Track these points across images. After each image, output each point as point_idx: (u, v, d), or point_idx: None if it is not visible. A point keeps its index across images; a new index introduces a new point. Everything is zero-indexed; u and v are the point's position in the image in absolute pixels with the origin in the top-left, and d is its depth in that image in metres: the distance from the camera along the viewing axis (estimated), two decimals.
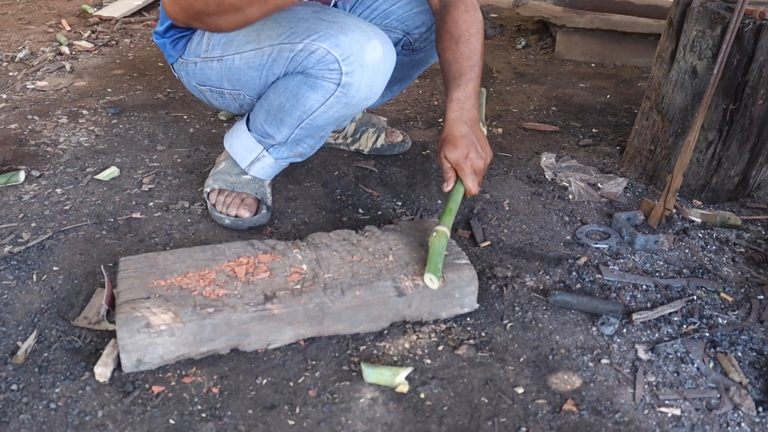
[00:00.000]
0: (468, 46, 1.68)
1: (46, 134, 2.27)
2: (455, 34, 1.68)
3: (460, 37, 1.68)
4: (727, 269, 1.73)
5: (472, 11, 1.72)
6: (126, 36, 3.41)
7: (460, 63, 1.67)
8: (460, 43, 1.68)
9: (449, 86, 1.67)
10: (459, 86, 1.65)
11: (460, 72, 1.66)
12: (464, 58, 1.67)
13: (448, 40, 1.69)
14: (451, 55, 1.68)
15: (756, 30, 1.79)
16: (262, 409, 1.26)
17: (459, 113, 1.64)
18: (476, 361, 1.39)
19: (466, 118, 1.63)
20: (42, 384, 1.28)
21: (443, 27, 1.71)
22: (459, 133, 1.60)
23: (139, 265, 1.46)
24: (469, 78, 1.66)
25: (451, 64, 1.68)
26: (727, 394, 1.33)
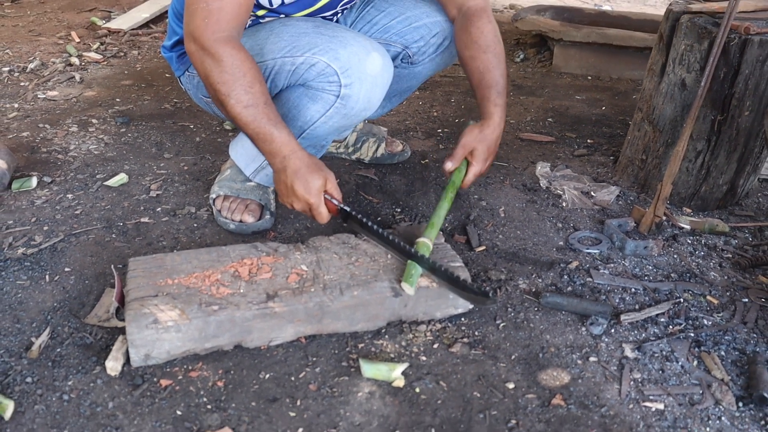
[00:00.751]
0: (495, 56, 1.78)
1: (57, 142, 2.35)
2: (483, 44, 1.78)
3: (488, 47, 1.78)
4: (714, 274, 1.80)
5: (494, 23, 1.82)
6: (134, 48, 3.49)
7: (493, 72, 1.76)
8: (488, 52, 1.77)
9: (489, 92, 1.75)
10: (500, 93, 1.75)
11: (495, 80, 1.76)
12: (494, 67, 1.77)
13: (476, 50, 1.78)
14: (482, 64, 1.77)
15: (741, 44, 1.86)
16: (265, 401, 1.32)
17: (503, 118, 1.76)
18: (469, 359, 1.45)
19: (503, 126, 1.76)
20: (55, 377, 1.35)
21: (468, 37, 1.80)
22: (497, 136, 1.74)
23: (147, 265, 1.53)
24: (503, 86, 1.77)
25: (483, 73, 1.77)
26: (709, 390, 1.39)
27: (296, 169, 1.54)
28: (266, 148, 1.56)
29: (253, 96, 1.52)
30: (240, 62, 1.51)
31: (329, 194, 1.58)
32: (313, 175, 1.55)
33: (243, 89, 1.51)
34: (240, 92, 1.51)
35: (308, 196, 1.55)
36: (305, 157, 1.56)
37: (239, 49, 1.53)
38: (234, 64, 1.51)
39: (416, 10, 1.93)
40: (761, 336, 1.56)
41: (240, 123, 1.55)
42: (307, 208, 1.58)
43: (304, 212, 1.60)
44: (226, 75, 1.51)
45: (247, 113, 1.53)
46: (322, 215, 1.58)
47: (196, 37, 1.51)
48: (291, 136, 1.56)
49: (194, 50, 1.53)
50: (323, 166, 1.59)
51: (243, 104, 1.52)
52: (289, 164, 1.54)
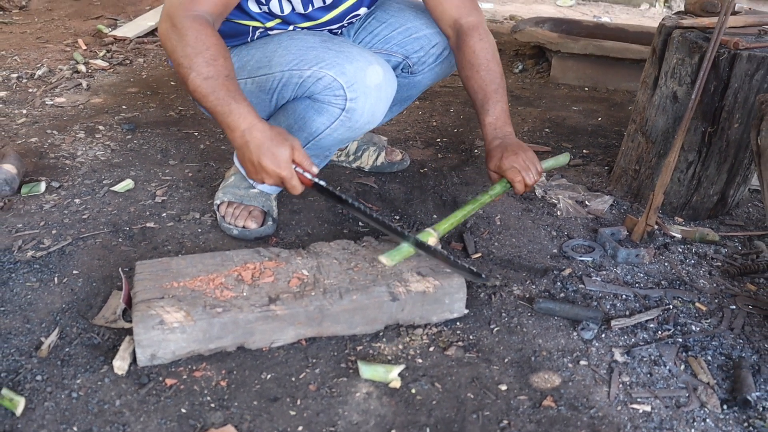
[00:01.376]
0: (489, 73, 1.83)
1: (65, 148, 2.40)
2: (475, 63, 1.83)
3: (480, 65, 1.83)
4: (704, 281, 1.85)
5: (486, 38, 1.87)
6: (139, 55, 3.55)
7: (485, 89, 1.82)
8: (480, 70, 1.83)
9: (479, 113, 1.83)
10: (488, 112, 1.81)
11: (486, 98, 1.82)
12: (487, 84, 1.82)
13: (470, 69, 1.84)
14: (476, 83, 1.83)
15: (731, 59, 1.92)
16: (267, 401, 1.37)
17: (494, 133, 1.80)
18: (464, 361, 1.50)
19: (500, 135, 1.80)
20: (64, 376, 1.40)
21: (463, 57, 1.86)
22: (495, 145, 1.78)
23: (154, 268, 1.58)
24: (496, 101, 1.81)
25: (476, 91, 1.83)
26: (695, 393, 1.45)
27: (259, 143, 1.49)
28: (225, 121, 1.52)
29: (215, 68, 1.50)
30: (204, 36, 1.51)
31: (298, 164, 1.52)
32: (279, 146, 1.49)
33: (204, 61, 1.50)
34: (201, 64, 1.50)
35: (278, 170, 1.50)
36: (266, 128, 1.51)
37: (206, 26, 1.53)
38: (198, 38, 1.51)
39: (416, 21, 1.99)
40: (747, 342, 1.61)
41: (199, 96, 1.52)
42: (279, 182, 1.53)
43: (277, 186, 1.57)
44: (188, 48, 1.50)
45: (206, 85, 1.50)
46: (296, 188, 1.53)
47: (170, 14, 1.54)
48: (251, 108, 1.52)
49: (164, 29, 1.55)
50: (286, 134, 1.54)
51: (203, 76, 1.50)
52: (251, 138, 1.50)
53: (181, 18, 1.52)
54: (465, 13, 1.88)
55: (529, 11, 5.23)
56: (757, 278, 1.88)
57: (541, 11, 5.29)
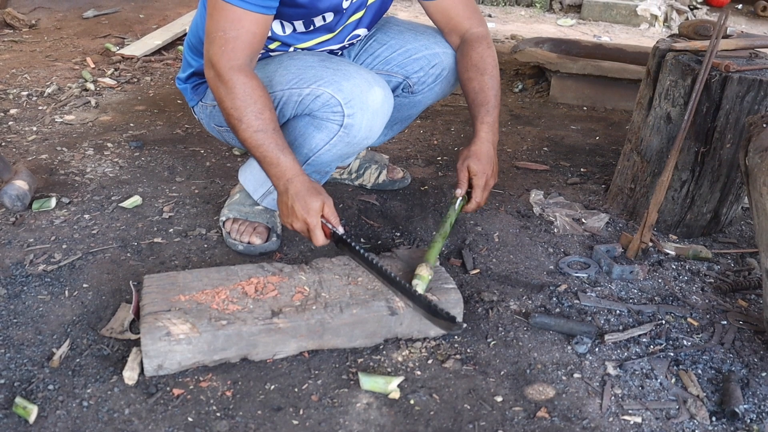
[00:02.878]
0: (492, 79, 1.92)
1: (74, 164, 2.47)
2: (481, 68, 1.92)
3: (485, 70, 1.92)
4: (696, 297, 1.90)
5: (492, 48, 1.97)
6: (147, 74, 3.62)
7: (486, 92, 1.90)
8: (485, 74, 1.92)
9: (479, 111, 1.89)
10: (488, 112, 1.89)
11: (487, 100, 1.90)
12: (489, 88, 1.91)
13: (475, 72, 1.93)
14: (478, 85, 1.91)
15: (722, 81, 1.98)
16: (270, 410, 1.42)
17: (490, 134, 1.87)
18: (461, 374, 1.55)
19: (493, 140, 1.88)
20: (75, 385, 1.45)
21: (469, 61, 1.95)
22: (486, 150, 1.85)
23: (161, 282, 1.63)
24: (495, 105, 1.90)
25: (478, 92, 1.91)
26: (685, 405, 1.49)
27: (297, 191, 1.66)
28: (272, 171, 1.68)
29: (263, 122, 1.65)
30: (251, 90, 1.65)
31: (326, 218, 1.68)
32: (313, 197, 1.66)
33: (254, 115, 1.65)
34: (251, 118, 1.64)
35: (306, 216, 1.65)
36: (307, 181, 1.68)
37: (251, 77, 1.66)
38: (246, 91, 1.64)
39: (416, 43, 2.05)
40: (737, 356, 1.66)
41: (249, 146, 1.68)
42: (305, 228, 1.68)
43: (302, 233, 1.70)
44: (238, 101, 1.64)
45: (256, 137, 1.66)
46: (318, 237, 1.67)
47: (213, 63, 1.66)
48: (295, 161, 1.69)
49: (211, 77, 1.68)
50: (323, 191, 1.70)
51: (253, 129, 1.65)
52: (291, 186, 1.66)
53: (226, 70, 1.64)
54: (474, 24, 1.99)
55: (530, 30, 5.31)
56: (748, 294, 1.92)
57: (542, 30, 5.37)
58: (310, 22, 1.82)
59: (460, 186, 1.85)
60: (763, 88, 1.98)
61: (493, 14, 5.97)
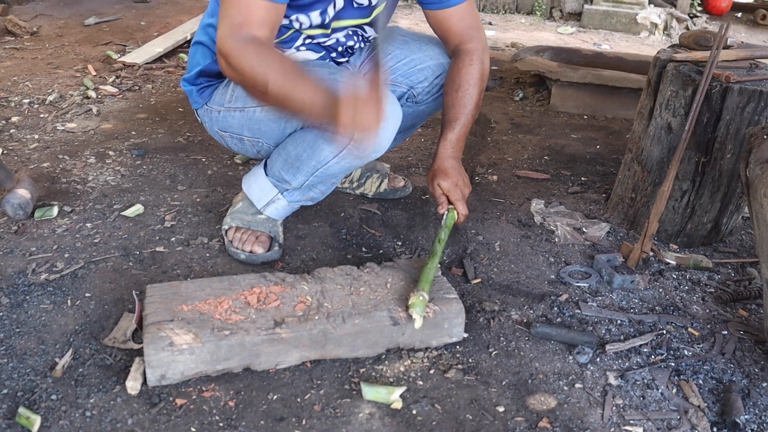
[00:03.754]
0: (466, 96, 1.93)
1: (76, 173, 2.47)
2: (456, 83, 1.94)
3: (460, 86, 1.94)
4: (697, 307, 1.90)
5: (476, 64, 1.96)
6: (148, 81, 3.63)
7: (456, 109, 1.93)
8: (459, 91, 1.93)
9: (444, 127, 1.94)
10: (452, 129, 1.92)
11: (455, 117, 1.93)
12: (461, 105, 1.93)
13: (450, 86, 1.96)
14: (450, 101, 1.94)
15: (723, 92, 1.99)
16: (273, 420, 1.43)
17: (450, 150, 1.91)
18: (463, 384, 1.56)
19: (454, 155, 1.91)
20: (78, 395, 1.46)
21: (449, 75, 1.98)
22: (449, 165, 1.89)
23: (164, 292, 1.64)
24: (462, 123, 1.92)
25: (449, 108, 1.94)
26: (686, 415, 1.50)
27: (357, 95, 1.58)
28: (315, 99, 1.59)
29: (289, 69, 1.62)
30: (265, 52, 1.63)
31: None
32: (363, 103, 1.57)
33: (277, 69, 1.61)
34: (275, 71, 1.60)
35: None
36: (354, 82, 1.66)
37: (261, 44, 1.64)
38: (260, 54, 1.62)
39: (420, 53, 2.06)
40: (738, 366, 1.66)
41: (285, 93, 1.61)
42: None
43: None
44: (255, 68, 1.61)
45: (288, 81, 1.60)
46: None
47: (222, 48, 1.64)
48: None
49: (225, 68, 1.67)
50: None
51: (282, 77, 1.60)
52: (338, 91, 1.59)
53: (235, 46, 1.63)
54: (466, 39, 1.99)
55: (530, 38, 5.33)
56: (748, 304, 1.93)
57: (543, 38, 5.39)
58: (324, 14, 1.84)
59: (440, 205, 1.88)
60: (763, 99, 1.99)
61: (493, 22, 5.99)
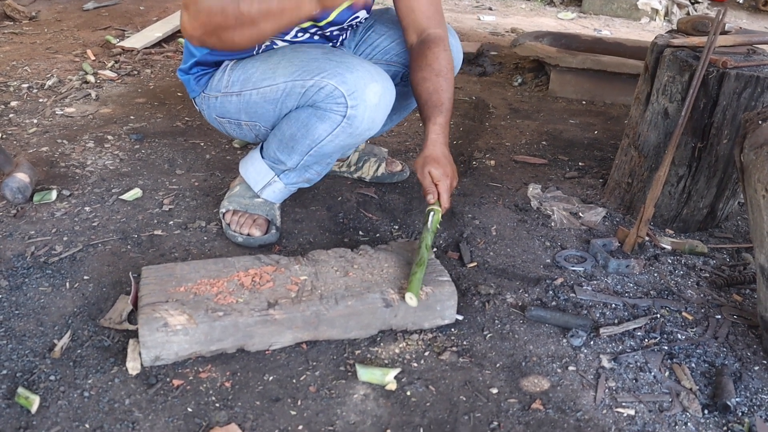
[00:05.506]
0: (447, 81, 1.91)
1: (75, 157, 2.48)
2: (437, 69, 1.91)
3: (440, 71, 1.91)
4: (691, 291, 1.91)
5: (448, 50, 1.96)
6: (147, 66, 3.63)
7: (440, 94, 1.89)
8: (440, 76, 1.91)
9: (431, 112, 1.88)
10: (441, 113, 1.88)
11: (441, 101, 1.89)
12: (443, 90, 1.90)
13: (430, 72, 1.91)
14: (432, 86, 1.90)
15: (719, 77, 1.99)
16: (269, 401, 1.44)
17: (441, 136, 1.87)
18: (457, 366, 1.57)
19: (444, 142, 1.87)
20: (76, 376, 1.47)
21: (424, 61, 1.93)
22: (441, 153, 1.85)
23: (159, 273, 1.65)
24: (447, 108, 1.89)
25: (431, 93, 1.89)
26: (678, 398, 1.51)
27: None
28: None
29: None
30: None
31: None
32: None
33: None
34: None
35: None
36: None
37: None
38: None
39: None
40: (730, 350, 1.68)
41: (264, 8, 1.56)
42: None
43: None
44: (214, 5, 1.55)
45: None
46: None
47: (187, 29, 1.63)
48: None
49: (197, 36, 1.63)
50: None
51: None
52: None
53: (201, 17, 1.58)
54: (434, 25, 1.97)
55: (530, 24, 5.31)
56: (743, 289, 1.94)
57: (543, 24, 5.38)
58: None
59: (429, 193, 1.82)
60: (760, 85, 1.99)
61: (493, 7, 5.97)
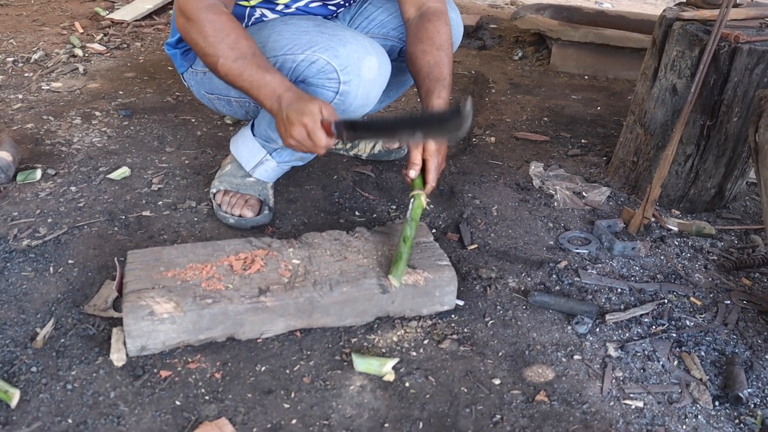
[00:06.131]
0: (448, 56, 1.82)
1: (61, 134, 2.39)
2: (438, 42, 1.82)
3: (442, 45, 1.82)
4: (699, 275, 1.85)
5: (448, 25, 1.87)
6: (137, 39, 3.52)
7: (442, 68, 1.79)
8: (441, 50, 1.81)
9: (433, 86, 1.77)
10: (444, 88, 1.77)
11: (443, 75, 1.79)
12: (445, 65, 1.80)
13: (430, 46, 1.82)
14: (434, 59, 1.80)
15: (731, 52, 1.91)
16: (261, 393, 1.38)
17: None
18: (458, 355, 1.51)
19: None
20: (59, 367, 1.40)
21: (425, 33, 1.83)
22: None
23: (145, 258, 1.58)
24: (448, 83, 1.79)
25: (432, 67, 1.80)
26: (688, 389, 1.45)
27: (290, 102, 1.54)
28: (262, 93, 1.57)
29: (240, 50, 1.57)
30: (222, 24, 1.57)
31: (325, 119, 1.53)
32: (307, 102, 1.53)
33: (228, 47, 1.56)
34: (226, 50, 1.56)
35: (302, 118, 1.52)
36: (299, 92, 1.57)
37: (221, 13, 1.58)
38: (216, 26, 1.57)
39: None
40: (741, 337, 1.62)
41: (232, 78, 1.58)
42: (304, 133, 1.53)
43: (302, 141, 1.55)
44: (210, 38, 1.57)
45: (236, 66, 1.56)
46: (319, 138, 1.53)
47: (183, 10, 1.58)
48: (284, 78, 1.59)
49: (182, 24, 1.60)
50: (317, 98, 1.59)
51: (231, 59, 1.56)
52: (283, 100, 1.55)
53: (195, 11, 1.57)
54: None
55: None
56: (752, 273, 1.88)
57: None
58: None
59: (412, 167, 1.70)
60: None
61: None
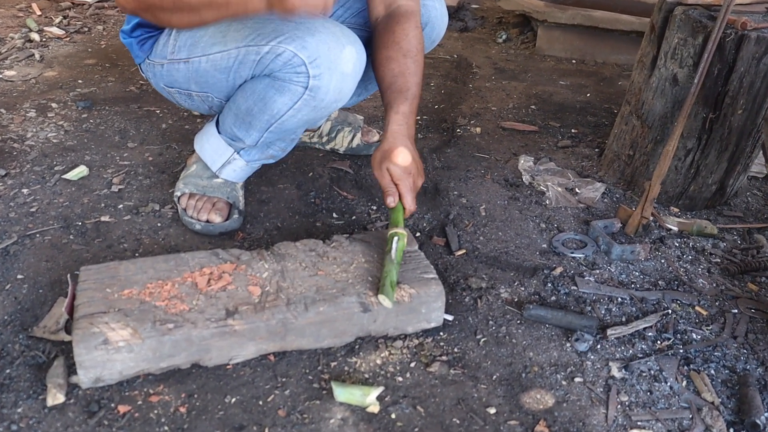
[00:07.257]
0: (415, 63, 1.67)
1: (13, 129, 2.21)
2: (405, 48, 1.67)
3: (409, 51, 1.67)
4: (703, 281, 1.72)
5: (420, 30, 1.72)
6: (99, 22, 3.32)
7: (407, 78, 1.66)
8: (408, 57, 1.67)
9: (395, 98, 1.64)
10: (405, 100, 1.64)
11: (407, 86, 1.65)
12: (411, 74, 1.66)
13: (396, 51, 1.67)
14: (398, 68, 1.66)
15: (738, 40, 1.77)
16: (231, 429, 1.23)
17: (403, 127, 1.63)
18: (448, 379, 1.37)
19: (408, 134, 1.63)
20: (4, 404, 1.24)
21: (391, 37, 1.69)
22: (402, 146, 1.59)
23: (99, 275, 1.41)
24: (414, 94, 1.66)
25: (397, 76, 1.66)
26: (699, 414, 1.32)
27: None
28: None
29: None
30: None
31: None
32: None
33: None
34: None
35: None
36: None
37: None
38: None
39: None
40: (751, 352, 1.50)
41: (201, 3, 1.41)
42: None
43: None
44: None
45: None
46: None
47: None
48: None
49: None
50: None
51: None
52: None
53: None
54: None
55: None
56: (758, 277, 1.75)
57: None
58: None
59: (388, 195, 1.57)
60: None
61: None
